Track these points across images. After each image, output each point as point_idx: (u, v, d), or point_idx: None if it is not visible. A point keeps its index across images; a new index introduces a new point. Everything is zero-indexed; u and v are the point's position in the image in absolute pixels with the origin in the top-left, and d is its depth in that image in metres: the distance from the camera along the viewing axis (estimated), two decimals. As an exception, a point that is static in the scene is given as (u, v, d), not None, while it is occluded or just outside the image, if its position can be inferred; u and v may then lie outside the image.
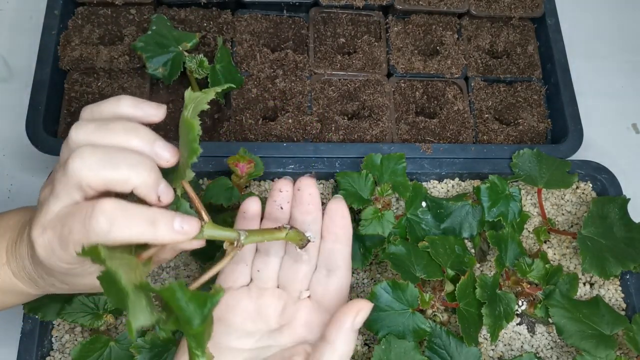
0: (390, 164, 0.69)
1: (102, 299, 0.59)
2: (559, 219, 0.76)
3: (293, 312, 0.51)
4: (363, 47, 0.81)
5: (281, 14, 0.82)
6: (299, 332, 0.50)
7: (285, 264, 0.54)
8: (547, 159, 0.74)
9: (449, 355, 0.61)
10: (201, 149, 0.41)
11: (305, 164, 0.71)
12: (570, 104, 0.79)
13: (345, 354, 0.46)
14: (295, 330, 0.50)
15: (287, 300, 0.52)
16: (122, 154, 0.40)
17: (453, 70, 0.81)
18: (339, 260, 0.53)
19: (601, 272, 0.66)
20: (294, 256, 0.53)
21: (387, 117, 0.77)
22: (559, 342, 0.69)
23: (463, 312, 0.61)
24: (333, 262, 0.53)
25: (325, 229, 0.54)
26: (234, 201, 0.63)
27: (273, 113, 0.77)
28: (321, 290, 0.52)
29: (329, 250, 0.53)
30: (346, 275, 0.53)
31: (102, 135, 0.41)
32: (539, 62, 0.85)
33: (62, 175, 0.40)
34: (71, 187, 0.40)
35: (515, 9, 0.85)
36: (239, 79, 0.75)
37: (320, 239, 0.54)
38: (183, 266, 0.67)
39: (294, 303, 0.52)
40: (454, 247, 0.67)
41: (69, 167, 0.39)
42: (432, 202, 0.70)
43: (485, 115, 0.80)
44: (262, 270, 0.53)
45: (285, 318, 0.51)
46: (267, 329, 0.51)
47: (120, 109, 0.44)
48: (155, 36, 0.70)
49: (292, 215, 0.54)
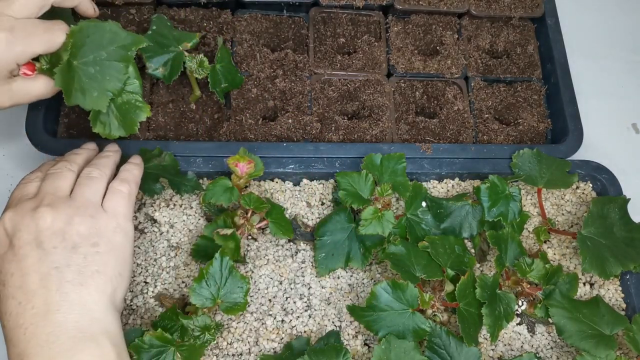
0: (390, 164, 0.69)
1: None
2: (559, 219, 0.75)
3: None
4: (363, 47, 0.81)
5: (281, 14, 0.82)
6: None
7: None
8: (547, 159, 0.74)
9: (449, 355, 0.61)
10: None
11: (305, 164, 0.71)
12: (570, 104, 0.79)
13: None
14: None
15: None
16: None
17: (453, 70, 0.81)
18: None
19: (601, 272, 0.66)
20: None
21: (387, 117, 0.77)
22: (559, 342, 0.69)
23: (463, 312, 0.61)
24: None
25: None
26: (234, 201, 0.63)
27: (273, 113, 0.77)
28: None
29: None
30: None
31: None
32: (539, 62, 0.85)
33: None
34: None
35: (515, 9, 0.85)
36: (239, 78, 0.75)
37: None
38: (183, 266, 0.67)
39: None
40: (454, 247, 0.67)
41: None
42: (432, 202, 0.70)
43: (485, 115, 0.80)
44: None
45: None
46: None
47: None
48: (156, 36, 0.70)
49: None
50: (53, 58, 0.58)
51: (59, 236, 0.50)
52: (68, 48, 0.57)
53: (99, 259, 0.51)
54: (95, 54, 0.59)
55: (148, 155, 0.66)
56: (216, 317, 0.65)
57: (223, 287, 0.59)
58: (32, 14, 0.56)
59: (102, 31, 0.60)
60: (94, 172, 0.57)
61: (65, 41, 0.57)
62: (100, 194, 0.56)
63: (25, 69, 0.57)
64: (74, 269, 0.49)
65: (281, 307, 0.66)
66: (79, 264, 0.50)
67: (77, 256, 0.50)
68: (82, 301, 0.49)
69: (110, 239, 0.52)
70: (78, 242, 0.51)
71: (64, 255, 0.50)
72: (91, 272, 0.50)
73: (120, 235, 0.54)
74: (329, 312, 0.67)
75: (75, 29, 0.58)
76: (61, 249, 0.50)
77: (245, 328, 0.65)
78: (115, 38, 0.60)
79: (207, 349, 0.63)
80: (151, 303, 0.65)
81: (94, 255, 0.51)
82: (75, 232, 0.51)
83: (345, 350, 0.58)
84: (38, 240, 0.50)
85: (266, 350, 0.64)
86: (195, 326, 0.58)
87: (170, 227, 0.69)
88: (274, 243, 0.70)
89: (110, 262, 0.51)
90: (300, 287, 0.68)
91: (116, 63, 0.60)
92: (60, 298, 0.48)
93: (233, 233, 0.62)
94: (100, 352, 0.47)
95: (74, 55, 0.58)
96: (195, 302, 0.58)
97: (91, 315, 0.49)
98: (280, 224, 0.65)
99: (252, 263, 0.68)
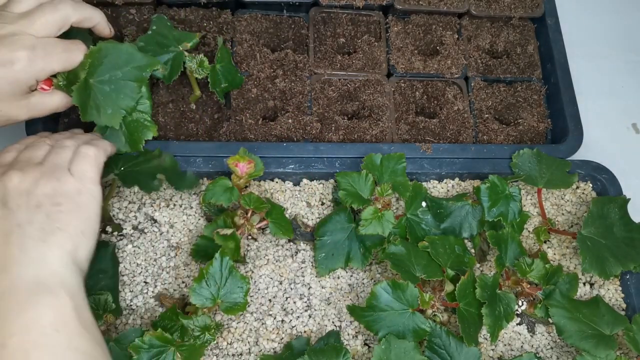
0: (390, 164, 0.69)
1: (102, 299, 0.59)
2: (559, 219, 0.75)
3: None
4: (363, 47, 0.81)
5: (281, 14, 0.82)
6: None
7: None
8: (547, 159, 0.74)
9: (449, 355, 0.61)
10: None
11: (305, 164, 0.71)
12: (570, 104, 0.79)
13: None
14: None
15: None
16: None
17: (453, 70, 0.81)
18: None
19: (601, 272, 0.66)
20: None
21: (387, 117, 0.77)
22: (559, 342, 0.69)
23: (463, 312, 0.61)
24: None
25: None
26: (234, 201, 0.63)
27: (273, 113, 0.77)
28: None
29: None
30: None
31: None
32: (539, 62, 0.85)
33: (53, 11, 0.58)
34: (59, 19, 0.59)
35: (515, 9, 0.85)
36: (239, 78, 0.75)
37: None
38: (183, 266, 0.67)
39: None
40: (454, 247, 0.67)
41: (60, 6, 0.59)
42: (432, 202, 0.70)
43: (485, 115, 0.80)
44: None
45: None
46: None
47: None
48: (156, 36, 0.70)
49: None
50: (70, 75, 0.61)
51: (23, 196, 0.52)
52: (86, 67, 0.61)
53: (61, 218, 0.52)
54: (111, 73, 0.63)
55: (148, 156, 0.66)
56: (216, 317, 0.65)
57: (223, 287, 0.59)
58: (51, 33, 0.59)
59: (119, 52, 0.63)
60: (67, 142, 0.59)
61: (83, 60, 0.61)
62: (68, 159, 0.57)
63: (43, 84, 0.61)
64: (36, 227, 0.51)
65: (281, 307, 0.66)
66: (41, 221, 0.51)
67: (40, 215, 0.51)
68: (41, 256, 0.50)
69: (74, 200, 0.54)
70: (42, 201, 0.52)
71: (27, 213, 0.51)
72: (52, 229, 0.51)
73: (85, 196, 0.55)
74: (329, 312, 0.67)
75: (94, 49, 0.62)
76: (25, 208, 0.51)
77: (245, 328, 0.65)
78: (131, 59, 0.64)
79: (207, 349, 0.63)
80: (151, 303, 0.65)
81: (57, 214, 0.52)
82: (41, 192, 0.53)
83: (345, 350, 0.58)
84: (4, 200, 0.52)
85: (266, 350, 0.64)
86: (195, 326, 0.58)
87: (170, 227, 0.69)
88: (274, 243, 0.70)
89: (73, 221, 0.53)
90: (300, 287, 0.68)
91: (131, 83, 0.63)
92: (20, 253, 0.49)
93: (233, 233, 0.62)
94: (57, 303, 0.48)
95: (91, 73, 0.61)
96: (195, 302, 0.58)
97: (50, 269, 0.49)
98: (280, 224, 0.65)
99: (252, 263, 0.68)
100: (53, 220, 0.52)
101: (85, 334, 0.49)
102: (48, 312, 0.47)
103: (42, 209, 0.52)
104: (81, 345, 0.48)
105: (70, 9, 0.61)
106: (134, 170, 0.64)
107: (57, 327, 0.47)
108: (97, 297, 0.59)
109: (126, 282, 0.66)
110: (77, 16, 0.61)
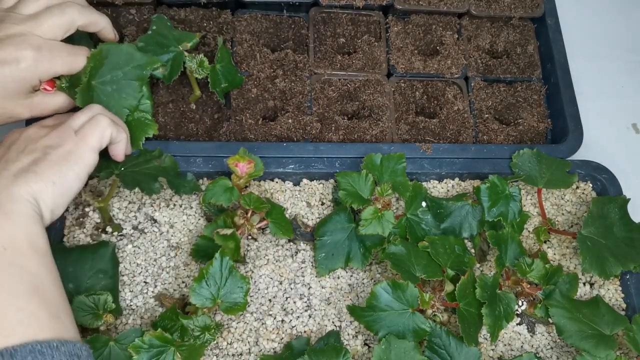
0: (390, 164, 0.69)
1: (101, 299, 0.59)
2: (559, 219, 0.76)
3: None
4: (363, 47, 0.81)
5: (281, 14, 0.82)
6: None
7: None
8: (547, 159, 0.74)
9: (449, 355, 0.61)
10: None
11: (305, 164, 0.71)
12: (570, 104, 0.79)
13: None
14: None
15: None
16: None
17: (453, 70, 0.81)
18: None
19: (601, 272, 0.66)
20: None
21: (387, 117, 0.77)
22: (559, 342, 0.69)
23: (463, 312, 0.61)
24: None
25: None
26: (234, 201, 0.63)
27: (273, 113, 0.77)
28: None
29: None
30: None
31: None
32: (539, 62, 0.85)
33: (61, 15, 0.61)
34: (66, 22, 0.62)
35: (515, 9, 0.85)
36: (239, 78, 0.75)
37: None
38: (183, 266, 0.67)
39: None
40: (454, 247, 0.67)
41: (67, 10, 0.61)
42: (432, 202, 0.70)
43: (485, 115, 0.80)
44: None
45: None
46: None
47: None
48: (156, 36, 0.70)
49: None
50: (73, 78, 0.63)
51: (28, 142, 0.58)
52: (87, 71, 0.62)
53: (42, 165, 0.55)
54: (112, 73, 0.64)
55: (148, 156, 0.66)
56: (216, 317, 0.65)
57: (223, 287, 0.59)
58: (58, 35, 0.62)
59: (119, 52, 0.65)
60: (93, 107, 0.62)
61: (85, 64, 0.62)
62: (82, 122, 0.60)
63: (46, 85, 0.62)
64: (18, 165, 0.55)
65: (281, 307, 0.66)
66: (24, 162, 0.55)
67: (27, 158, 0.56)
68: (8, 185, 0.53)
69: (61, 155, 0.57)
70: (37, 148, 0.57)
71: (18, 154, 0.56)
72: (28, 170, 0.54)
73: (73, 156, 0.57)
74: (329, 312, 0.67)
75: (95, 52, 0.63)
76: (20, 150, 0.57)
77: (245, 328, 0.65)
78: (131, 59, 0.65)
79: (207, 349, 0.63)
80: (151, 303, 0.65)
81: (41, 161, 0.55)
82: (42, 143, 0.57)
83: (345, 350, 0.58)
84: (11, 143, 0.58)
85: (266, 350, 0.64)
86: (195, 326, 0.58)
87: (170, 227, 0.69)
88: (274, 243, 0.70)
89: (49, 170, 0.55)
90: (300, 287, 0.68)
91: (132, 82, 0.65)
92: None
93: (233, 233, 0.62)
94: (8, 224, 0.51)
95: (92, 75, 0.63)
96: (195, 302, 0.58)
97: (10, 196, 0.52)
98: (280, 224, 0.65)
99: (252, 263, 0.68)
100: (34, 164, 0.55)
101: (35, 256, 0.51)
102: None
103: (32, 155, 0.56)
104: (27, 265, 0.50)
105: (77, 13, 0.63)
106: (134, 171, 0.64)
107: (6, 246, 0.49)
108: (96, 297, 0.59)
109: (126, 282, 0.66)
110: (83, 20, 0.63)
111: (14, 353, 0.44)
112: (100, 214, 0.68)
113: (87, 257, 0.63)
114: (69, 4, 0.63)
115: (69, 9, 0.62)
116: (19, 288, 0.48)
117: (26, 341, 0.45)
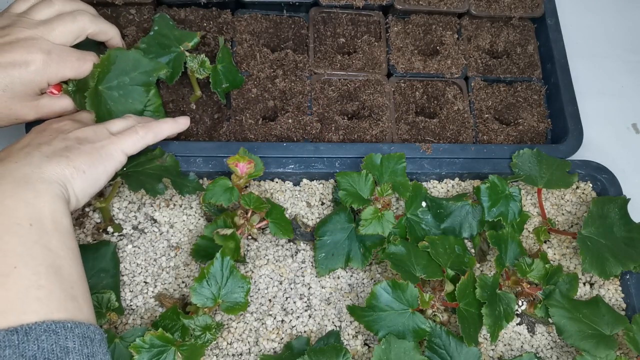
0: (390, 164, 0.69)
1: (104, 297, 0.59)
2: (559, 219, 0.76)
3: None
4: (363, 47, 0.81)
5: (281, 14, 0.82)
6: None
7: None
8: (547, 159, 0.74)
9: (449, 355, 0.61)
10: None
11: (305, 164, 0.71)
12: (570, 104, 0.79)
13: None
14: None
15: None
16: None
17: (453, 70, 0.81)
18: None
19: (601, 272, 0.66)
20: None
21: (387, 117, 0.77)
22: (559, 342, 0.69)
23: (463, 312, 0.61)
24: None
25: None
26: (234, 201, 0.63)
27: (273, 113, 0.77)
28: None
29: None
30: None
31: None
32: (539, 62, 0.85)
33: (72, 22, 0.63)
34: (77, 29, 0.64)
35: (515, 9, 0.85)
36: (239, 79, 0.75)
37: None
38: (183, 266, 0.67)
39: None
40: (454, 247, 0.67)
41: (79, 18, 0.64)
42: (432, 202, 0.70)
43: (485, 115, 0.80)
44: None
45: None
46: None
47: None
48: (157, 37, 0.70)
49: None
50: (79, 82, 0.65)
51: (58, 131, 0.60)
52: (95, 76, 0.64)
53: (75, 152, 0.57)
54: (119, 79, 0.67)
55: (149, 156, 0.66)
56: (216, 317, 0.65)
57: (224, 287, 0.59)
58: (68, 42, 0.64)
59: (126, 58, 0.67)
60: (129, 118, 0.65)
61: (92, 69, 0.64)
62: (120, 128, 0.63)
63: (53, 88, 0.64)
64: (50, 149, 0.56)
65: (281, 307, 0.66)
66: (56, 146, 0.57)
67: (59, 143, 0.58)
68: (39, 164, 0.54)
69: (94, 148, 0.59)
70: (69, 137, 0.59)
71: (50, 138, 0.58)
72: (61, 155, 0.56)
73: (105, 151, 0.59)
74: (329, 312, 0.67)
75: (104, 58, 0.65)
76: (52, 136, 0.58)
77: (245, 328, 0.65)
78: (138, 65, 0.67)
79: (207, 349, 0.63)
80: (151, 303, 0.65)
81: (73, 149, 0.57)
82: (74, 135, 0.59)
83: (345, 350, 0.58)
84: (43, 130, 0.60)
85: (266, 350, 0.64)
86: (196, 326, 0.58)
87: (170, 227, 0.69)
88: (274, 243, 0.70)
89: (81, 158, 0.57)
90: (300, 287, 0.68)
91: (138, 87, 0.67)
92: (24, 158, 0.55)
93: (233, 233, 0.62)
94: (36, 202, 0.52)
95: (100, 80, 0.65)
96: (196, 302, 0.58)
97: (41, 175, 0.54)
98: (280, 224, 0.65)
99: (252, 263, 0.68)
100: (67, 150, 0.57)
101: (57, 235, 0.52)
102: (26, 207, 0.51)
103: (65, 142, 0.58)
104: (50, 244, 0.51)
105: (88, 21, 0.65)
106: (137, 172, 0.64)
107: (32, 222, 0.50)
108: (100, 295, 0.59)
109: (126, 282, 0.66)
110: (93, 28, 0.66)
111: (29, 330, 0.45)
112: (100, 214, 0.68)
113: (89, 256, 0.63)
114: (81, 12, 0.65)
115: (80, 17, 0.64)
116: (41, 267, 0.49)
117: (42, 320, 0.46)
